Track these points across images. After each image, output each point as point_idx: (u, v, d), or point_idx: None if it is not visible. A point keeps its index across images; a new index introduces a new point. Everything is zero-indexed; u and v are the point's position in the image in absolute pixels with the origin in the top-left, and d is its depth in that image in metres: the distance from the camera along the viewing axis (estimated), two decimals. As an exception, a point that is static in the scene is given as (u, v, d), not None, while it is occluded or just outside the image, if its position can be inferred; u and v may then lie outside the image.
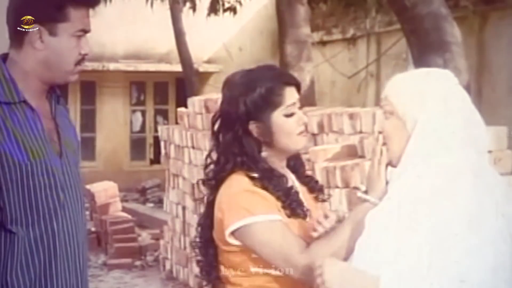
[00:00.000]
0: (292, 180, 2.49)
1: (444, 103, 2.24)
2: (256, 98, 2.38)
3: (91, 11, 2.39)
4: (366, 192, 2.29)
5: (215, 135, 2.47)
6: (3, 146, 2.23)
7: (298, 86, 2.45)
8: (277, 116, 2.38)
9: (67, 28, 2.32)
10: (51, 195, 2.30)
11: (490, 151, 3.64)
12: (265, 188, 2.36)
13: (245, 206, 2.31)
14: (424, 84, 2.26)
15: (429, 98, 2.23)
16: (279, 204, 2.36)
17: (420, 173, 2.20)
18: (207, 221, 2.46)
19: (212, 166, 2.47)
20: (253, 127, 2.39)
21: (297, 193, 2.42)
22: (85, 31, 2.37)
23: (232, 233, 2.33)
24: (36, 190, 2.27)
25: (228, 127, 2.42)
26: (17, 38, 2.34)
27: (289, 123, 2.39)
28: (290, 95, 2.40)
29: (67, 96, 14.49)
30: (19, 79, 2.32)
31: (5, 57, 2.38)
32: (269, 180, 2.37)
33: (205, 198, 2.51)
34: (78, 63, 2.37)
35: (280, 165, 2.46)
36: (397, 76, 2.33)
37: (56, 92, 2.46)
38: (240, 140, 2.39)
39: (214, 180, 2.44)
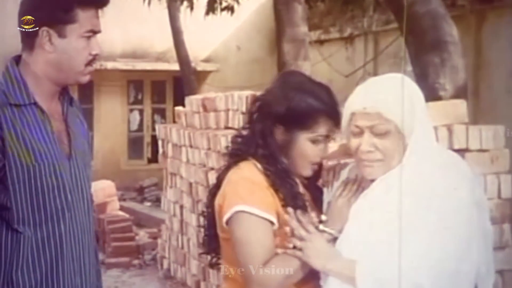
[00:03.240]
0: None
1: (423, 106, 2.25)
2: (296, 111, 2.37)
3: (100, 12, 2.41)
4: (326, 221, 2.29)
5: (251, 114, 2.48)
6: (12, 147, 2.24)
7: (338, 124, 2.41)
8: (304, 138, 2.39)
9: (75, 29, 2.34)
10: (59, 197, 2.32)
11: (487, 150, 3.65)
12: (273, 185, 2.37)
13: (241, 195, 2.33)
14: (411, 91, 2.22)
15: (416, 105, 2.21)
16: (280, 203, 2.36)
17: (411, 170, 2.20)
18: (216, 192, 2.47)
19: (239, 140, 2.49)
20: (279, 132, 2.41)
21: (304, 199, 2.42)
22: (95, 32, 2.39)
23: (227, 221, 2.36)
24: (44, 191, 2.29)
25: (263, 116, 2.44)
26: (28, 41, 2.37)
27: (311, 149, 2.40)
28: (327, 127, 2.41)
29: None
30: (31, 81, 2.35)
31: (19, 59, 2.40)
32: (281, 179, 2.38)
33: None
34: (89, 63, 2.40)
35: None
36: (380, 86, 2.23)
37: (69, 93, 2.48)
38: (267, 135, 2.41)
39: (231, 159, 2.46)
